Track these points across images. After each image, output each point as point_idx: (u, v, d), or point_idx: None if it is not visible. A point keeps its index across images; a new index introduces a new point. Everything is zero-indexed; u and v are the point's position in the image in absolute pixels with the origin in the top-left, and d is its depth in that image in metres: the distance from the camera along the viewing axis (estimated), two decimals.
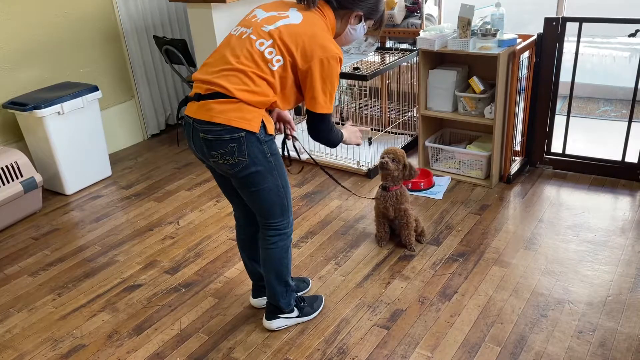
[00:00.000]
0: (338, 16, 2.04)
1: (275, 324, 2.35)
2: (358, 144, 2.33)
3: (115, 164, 4.15)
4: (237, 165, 1.96)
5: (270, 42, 1.90)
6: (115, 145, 4.40)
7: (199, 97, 1.93)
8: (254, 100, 1.91)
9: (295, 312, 2.38)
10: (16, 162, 3.34)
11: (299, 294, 2.53)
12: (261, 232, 2.20)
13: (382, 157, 2.76)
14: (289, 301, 2.33)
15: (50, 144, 3.54)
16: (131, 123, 4.51)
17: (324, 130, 2.05)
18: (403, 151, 2.79)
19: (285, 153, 2.31)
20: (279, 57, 1.90)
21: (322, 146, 3.88)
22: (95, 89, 3.73)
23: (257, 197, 2.07)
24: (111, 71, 4.28)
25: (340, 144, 2.20)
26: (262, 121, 1.95)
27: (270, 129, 2.00)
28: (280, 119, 2.31)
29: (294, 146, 2.44)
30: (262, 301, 2.48)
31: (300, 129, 4.25)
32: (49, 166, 3.66)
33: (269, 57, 1.90)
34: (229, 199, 2.27)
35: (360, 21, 2.09)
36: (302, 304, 2.40)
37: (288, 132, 2.34)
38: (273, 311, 2.35)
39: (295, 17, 1.95)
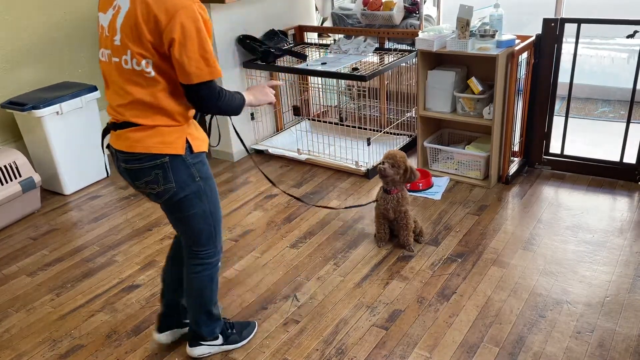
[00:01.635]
0: None
1: (196, 351, 2.21)
2: (270, 102, 2.07)
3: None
4: (165, 194, 1.85)
5: (128, 53, 1.71)
6: None
7: (114, 127, 1.84)
8: (168, 121, 1.79)
9: (220, 340, 2.23)
10: (15, 162, 3.34)
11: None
12: (185, 258, 2.09)
13: (382, 163, 2.72)
14: (212, 330, 2.20)
15: (49, 144, 3.54)
16: None
17: (207, 100, 1.76)
18: (403, 154, 2.75)
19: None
20: (145, 60, 1.70)
21: (322, 146, 3.90)
22: (94, 89, 3.72)
23: (183, 223, 1.97)
24: None
25: (249, 107, 1.95)
26: (188, 140, 1.83)
27: (198, 146, 1.86)
28: None
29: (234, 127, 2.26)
30: (167, 336, 2.28)
31: (299, 129, 4.26)
32: (48, 166, 3.66)
33: (138, 68, 1.72)
34: None
35: None
36: (229, 330, 2.26)
37: None
38: (195, 337, 2.21)
39: (123, 2, 1.70)
